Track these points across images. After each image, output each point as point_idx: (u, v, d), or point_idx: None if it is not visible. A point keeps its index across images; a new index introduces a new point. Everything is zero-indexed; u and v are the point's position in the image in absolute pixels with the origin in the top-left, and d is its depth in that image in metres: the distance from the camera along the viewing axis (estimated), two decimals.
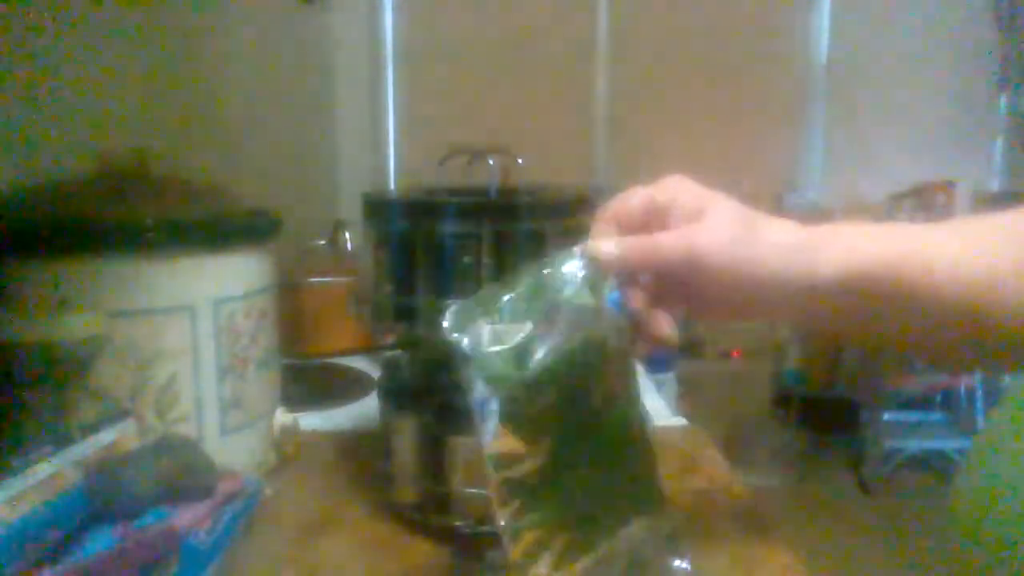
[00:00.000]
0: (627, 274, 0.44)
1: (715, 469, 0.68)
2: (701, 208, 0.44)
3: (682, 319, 0.50)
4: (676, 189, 0.45)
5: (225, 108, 1.13)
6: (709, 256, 0.43)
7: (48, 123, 0.74)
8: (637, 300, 0.45)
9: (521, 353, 0.43)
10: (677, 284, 0.46)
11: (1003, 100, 2.67)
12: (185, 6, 1.02)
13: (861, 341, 0.49)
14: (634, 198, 0.46)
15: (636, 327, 0.45)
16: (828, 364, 2.64)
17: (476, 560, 0.52)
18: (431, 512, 0.56)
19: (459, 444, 0.54)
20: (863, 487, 2.44)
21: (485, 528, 0.54)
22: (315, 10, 1.44)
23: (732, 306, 0.48)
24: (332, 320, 1.03)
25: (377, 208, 0.60)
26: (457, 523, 0.55)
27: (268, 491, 0.58)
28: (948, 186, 2.47)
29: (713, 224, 0.44)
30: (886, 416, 2.46)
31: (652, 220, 0.45)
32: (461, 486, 0.55)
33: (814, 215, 2.41)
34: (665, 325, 0.45)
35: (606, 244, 0.44)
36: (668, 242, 0.44)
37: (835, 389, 2.65)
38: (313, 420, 0.77)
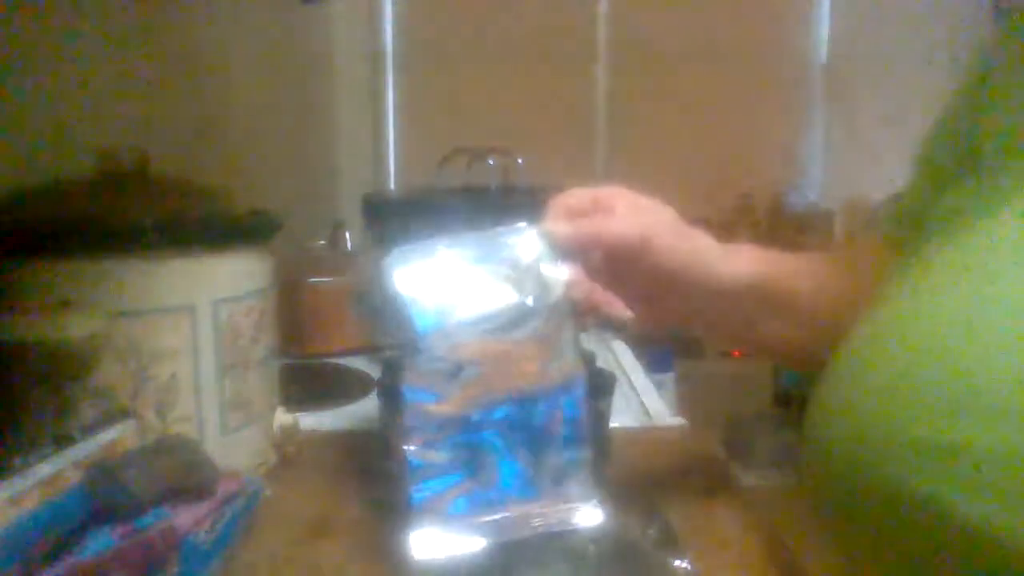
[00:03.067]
0: (577, 255, 0.48)
1: (715, 469, 0.68)
2: (642, 209, 0.50)
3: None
4: (617, 192, 0.51)
5: (225, 108, 1.13)
6: (659, 238, 0.48)
7: (48, 123, 0.74)
8: (587, 279, 0.48)
9: (449, 307, 0.45)
10: (619, 273, 0.50)
11: None
12: (185, 6, 1.02)
13: (759, 346, 0.58)
14: (579, 195, 0.50)
15: (587, 303, 0.48)
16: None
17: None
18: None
19: None
20: None
21: None
22: (315, 10, 1.43)
23: (668, 299, 0.52)
24: (332, 320, 1.03)
25: (377, 208, 0.61)
26: None
27: (268, 491, 0.58)
28: None
29: (660, 215, 0.50)
30: None
31: (595, 211, 0.49)
32: None
33: (814, 215, 2.41)
34: (617, 304, 0.49)
35: (561, 225, 0.48)
36: (623, 223, 0.49)
37: None
38: (313, 420, 0.77)
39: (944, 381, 0.35)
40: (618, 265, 0.49)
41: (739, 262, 0.52)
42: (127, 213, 0.58)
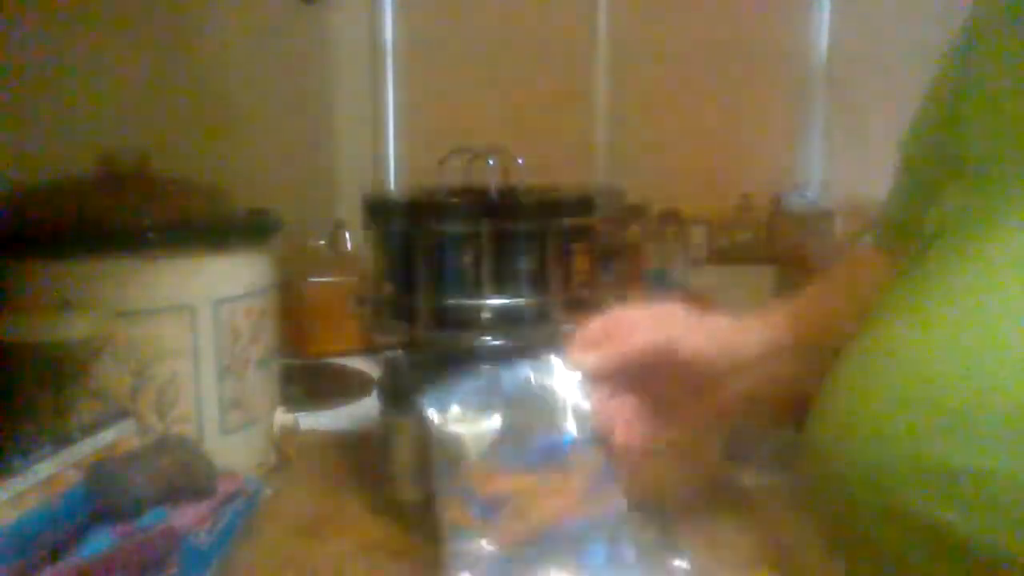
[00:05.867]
0: (608, 379, 0.49)
1: (715, 469, 0.68)
2: (660, 318, 0.52)
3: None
4: (632, 311, 0.53)
5: (225, 108, 1.13)
6: (684, 337, 0.50)
7: (48, 123, 0.74)
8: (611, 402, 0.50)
9: (478, 439, 0.46)
10: (657, 383, 0.51)
11: None
12: (185, 6, 1.02)
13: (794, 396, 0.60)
14: (598, 324, 0.52)
15: (602, 429, 0.48)
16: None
17: None
18: (431, 512, 0.56)
19: None
20: None
21: None
22: (315, 10, 1.44)
23: (710, 394, 0.53)
24: (332, 320, 1.03)
25: (377, 208, 0.61)
26: None
27: (268, 491, 0.58)
28: None
29: (678, 319, 0.52)
30: None
31: (615, 334, 0.51)
32: None
33: (814, 215, 2.41)
34: (631, 436, 0.49)
35: (587, 355, 0.50)
36: (646, 333, 0.50)
37: None
38: (313, 420, 0.77)
39: (946, 404, 0.35)
40: (653, 376, 0.50)
41: (763, 332, 0.53)
42: (127, 213, 0.58)
